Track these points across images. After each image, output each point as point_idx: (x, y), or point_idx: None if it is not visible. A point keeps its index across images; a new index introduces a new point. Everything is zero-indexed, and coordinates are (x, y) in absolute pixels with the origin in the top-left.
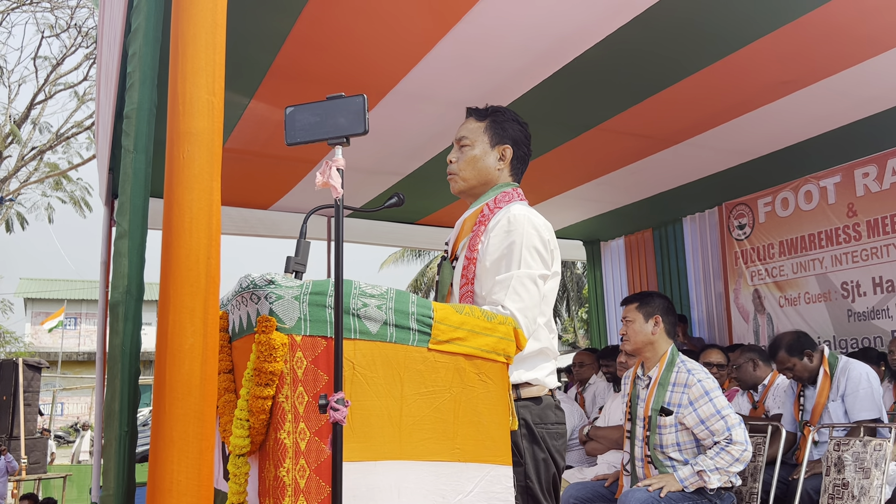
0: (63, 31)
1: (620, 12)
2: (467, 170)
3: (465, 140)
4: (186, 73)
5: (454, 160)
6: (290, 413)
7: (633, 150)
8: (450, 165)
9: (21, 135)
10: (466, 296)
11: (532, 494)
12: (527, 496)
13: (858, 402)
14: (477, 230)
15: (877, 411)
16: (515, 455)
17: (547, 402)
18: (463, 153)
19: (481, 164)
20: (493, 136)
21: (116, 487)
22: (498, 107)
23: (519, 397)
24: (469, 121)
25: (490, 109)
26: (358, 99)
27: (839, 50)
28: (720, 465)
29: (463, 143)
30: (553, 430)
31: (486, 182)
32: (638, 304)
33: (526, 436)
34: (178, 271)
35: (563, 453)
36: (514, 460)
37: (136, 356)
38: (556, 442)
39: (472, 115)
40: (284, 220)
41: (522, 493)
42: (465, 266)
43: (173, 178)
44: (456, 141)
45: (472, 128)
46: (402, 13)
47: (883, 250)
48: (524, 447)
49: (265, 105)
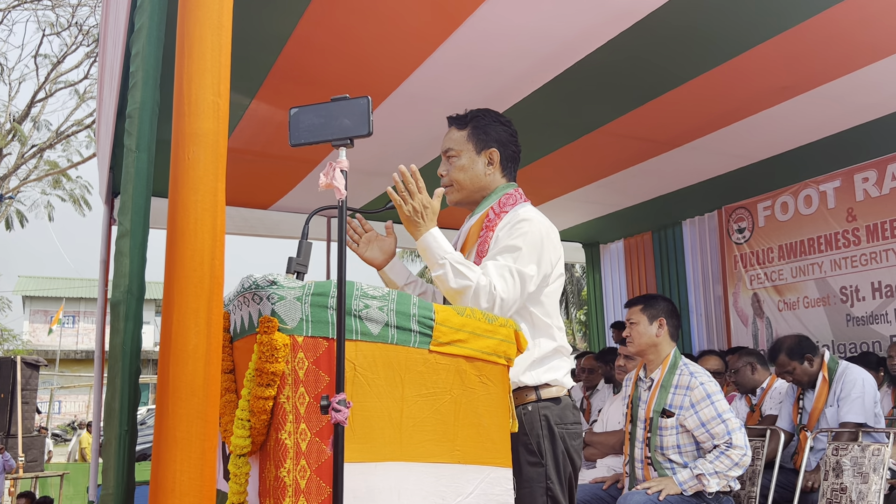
0: (64, 30)
1: (622, 18)
2: (459, 180)
3: (451, 151)
4: (192, 75)
5: (444, 172)
6: (292, 414)
7: (633, 153)
8: (442, 179)
9: (23, 132)
10: None
11: (553, 496)
12: (547, 497)
13: (847, 405)
14: (485, 236)
15: (863, 416)
16: (536, 455)
17: (565, 403)
18: (452, 164)
19: (471, 172)
20: (477, 143)
21: (116, 486)
22: (478, 111)
23: (539, 398)
24: (451, 131)
25: (470, 115)
26: (362, 101)
27: (839, 55)
28: (719, 469)
29: (450, 155)
30: (572, 430)
31: (481, 188)
32: (642, 306)
33: (547, 436)
34: (183, 272)
35: (580, 453)
36: (534, 461)
37: (136, 355)
38: (575, 442)
39: (453, 124)
40: (284, 220)
41: (543, 493)
42: None
43: (178, 179)
44: (443, 152)
45: (456, 138)
46: (405, 16)
47: (882, 255)
48: (546, 448)
49: (267, 106)
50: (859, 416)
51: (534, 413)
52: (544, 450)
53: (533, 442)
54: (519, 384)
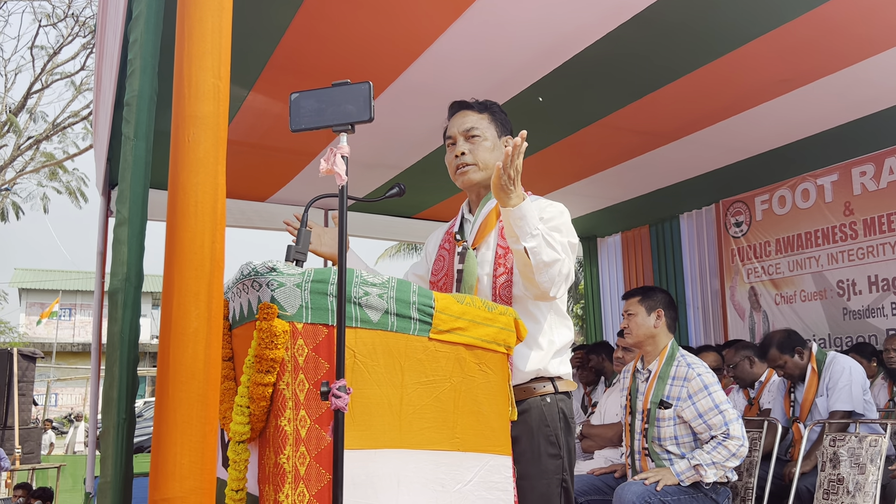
0: (60, 21)
1: (621, 10)
2: (486, 160)
3: (475, 131)
4: (192, 57)
5: (467, 151)
6: (291, 400)
7: (631, 146)
8: (462, 157)
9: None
10: (506, 285)
11: (566, 488)
12: (562, 489)
13: (836, 393)
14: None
15: (851, 404)
16: (556, 447)
17: (572, 397)
18: (476, 144)
19: (497, 153)
20: (498, 128)
21: (114, 475)
22: (487, 100)
23: (556, 390)
24: (467, 113)
25: (487, 102)
26: (364, 86)
27: (838, 49)
28: (717, 459)
29: (473, 134)
30: (574, 425)
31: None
32: (640, 297)
33: (564, 430)
34: (183, 255)
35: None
36: (553, 453)
37: (134, 344)
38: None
39: (468, 108)
40: (282, 212)
41: (559, 485)
42: (499, 255)
43: (178, 162)
44: (462, 133)
45: (476, 120)
46: (404, 6)
47: (879, 249)
48: (563, 441)
49: (264, 97)
50: (847, 404)
51: (552, 405)
52: (562, 443)
53: (553, 434)
54: (541, 373)
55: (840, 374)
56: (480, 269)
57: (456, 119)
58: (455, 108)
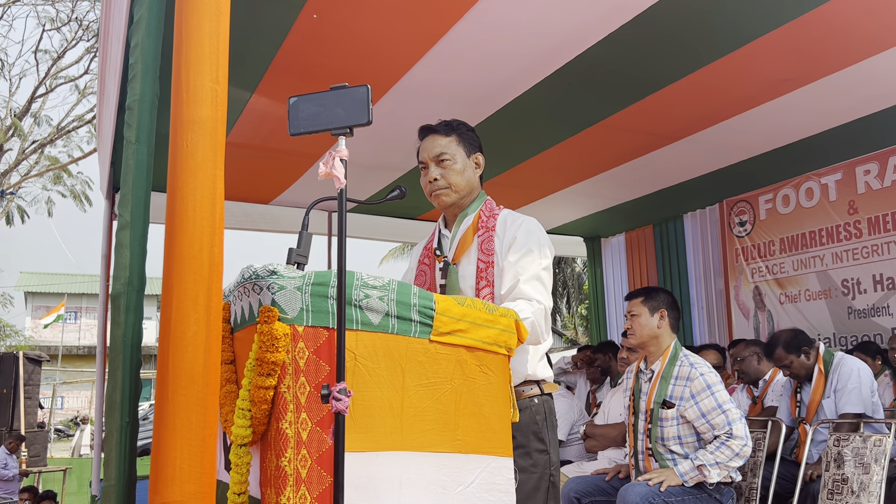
0: (64, 25)
1: (622, 11)
2: (457, 182)
3: (445, 155)
4: (190, 62)
5: (439, 177)
6: (292, 403)
7: (635, 146)
8: (435, 182)
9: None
10: (489, 298)
11: (553, 482)
12: (549, 483)
13: (845, 396)
14: (483, 236)
15: (862, 406)
16: (543, 444)
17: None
18: (447, 168)
19: (467, 174)
20: (465, 148)
21: (118, 478)
22: (450, 120)
23: (542, 392)
24: (436, 137)
25: (454, 123)
26: (362, 89)
27: (842, 47)
28: (720, 459)
29: (443, 159)
30: (556, 422)
31: (472, 191)
32: (643, 298)
33: (550, 428)
34: (182, 259)
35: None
36: (541, 448)
37: (137, 347)
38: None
39: (435, 132)
40: (285, 214)
41: (547, 479)
42: (481, 269)
43: (177, 167)
44: (432, 159)
45: (445, 143)
46: (405, 9)
47: (884, 248)
48: (549, 438)
49: (267, 100)
50: (857, 406)
51: (540, 405)
52: (548, 439)
53: (541, 431)
54: (529, 377)
55: (849, 377)
56: (463, 283)
57: (426, 143)
58: (423, 132)
